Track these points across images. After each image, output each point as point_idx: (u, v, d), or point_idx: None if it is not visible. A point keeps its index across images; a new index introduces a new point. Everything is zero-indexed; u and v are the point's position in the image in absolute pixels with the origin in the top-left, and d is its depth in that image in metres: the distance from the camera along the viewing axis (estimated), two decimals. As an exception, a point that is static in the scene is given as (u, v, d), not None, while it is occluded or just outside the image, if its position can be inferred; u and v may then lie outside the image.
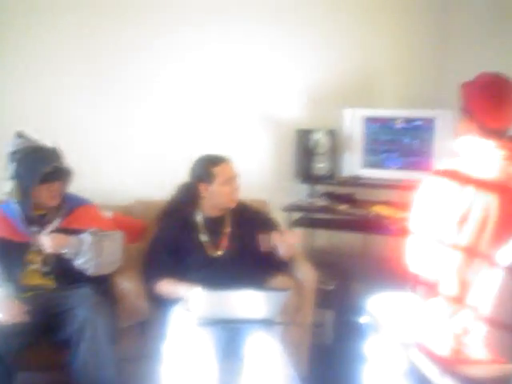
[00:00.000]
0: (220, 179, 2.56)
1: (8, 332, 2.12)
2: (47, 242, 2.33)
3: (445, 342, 1.74)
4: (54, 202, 2.44)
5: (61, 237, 2.36)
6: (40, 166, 2.32)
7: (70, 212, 2.50)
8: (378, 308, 2.12)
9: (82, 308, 2.20)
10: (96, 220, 2.57)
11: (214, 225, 2.63)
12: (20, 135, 2.41)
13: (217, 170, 2.57)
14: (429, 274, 1.82)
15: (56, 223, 2.45)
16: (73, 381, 2.18)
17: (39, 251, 2.38)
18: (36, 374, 2.35)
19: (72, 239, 2.37)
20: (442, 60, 3.65)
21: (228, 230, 2.64)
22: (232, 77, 3.50)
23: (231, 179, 2.57)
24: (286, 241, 2.48)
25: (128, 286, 2.54)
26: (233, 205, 2.62)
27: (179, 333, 2.21)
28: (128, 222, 3.02)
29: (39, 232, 2.39)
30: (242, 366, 2.17)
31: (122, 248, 2.56)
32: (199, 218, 2.64)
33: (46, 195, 2.40)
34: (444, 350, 1.74)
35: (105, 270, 2.47)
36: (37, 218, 2.42)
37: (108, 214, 2.90)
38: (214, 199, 2.60)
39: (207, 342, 2.16)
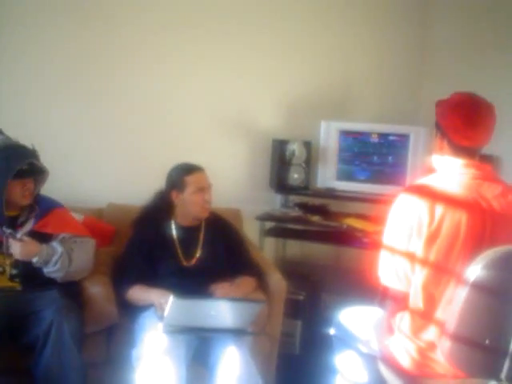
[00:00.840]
0: (191, 188, 2.55)
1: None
2: (18, 248, 2.28)
3: (410, 356, 1.76)
4: (25, 201, 2.39)
5: (32, 244, 2.31)
6: (14, 163, 2.28)
7: (43, 215, 2.45)
8: (347, 320, 2.13)
9: (49, 311, 2.17)
10: (69, 225, 2.53)
11: (188, 234, 2.62)
12: None
13: (189, 178, 2.56)
14: (400, 288, 1.82)
15: (29, 226, 2.41)
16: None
17: (8, 254, 2.33)
18: (0, 377, 2.29)
19: (43, 248, 2.32)
20: (419, 76, 3.71)
21: (201, 240, 2.63)
22: (210, 85, 3.49)
23: (203, 189, 2.56)
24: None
25: (97, 290, 2.51)
26: (204, 215, 2.61)
27: (149, 339, 2.18)
28: (99, 226, 3.00)
29: (11, 234, 2.34)
30: (211, 375, 2.17)
31: (92, 255, 2.53)
32: (173, 226, 2.63)
33: (19, 193, 2.35)
34: (409, 364, 1.75)
35: (74, 278, 2.44)
36: (9, 220, 2.37)
37: (79, 217, 2.88)
38: (186, 208, 2.60)
39: (177, 350, 2.15)
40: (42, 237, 2.39)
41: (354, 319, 2.12)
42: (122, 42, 3.36)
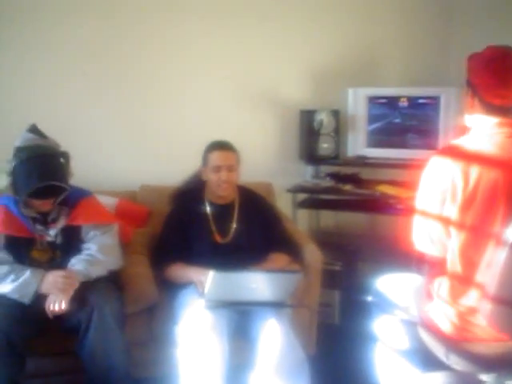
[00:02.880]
0: (210, 166, 2.56)
1: (19, 319, 2.14)
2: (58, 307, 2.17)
3: (450, 321, 1.74)
4: (45, 210, 2.37)
5: (71, 283, 2.21)
6: (34, 180, 2.18)
7: (73, 207, 2.42)
8: (385, 288, 2.12)
9: (91, 294, 2.21)
10: (97, 213, 2.51)
11: (221, 211, 2.63)
12: (32, 130, 2.34)
13: (210, 155, 2.57)
14: (435, 254, 1.80)
15: (61, 222, 2.40)
16: (83, 366, 2.21)
17: (45, 249, 2.35)
18: (46, 360, 2.37)
19: (80, 277, 2.27)
20: (445, 37, 3.62)
21: (235, 217, 2.63)
22: (234, 59, 3.47)
23: (219, 168, 2.53)
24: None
25: (135, 270, 2.56)
26: (223, 193, 2.59)
27: (191, 316, 2.22)
28: (133, 208, 3.04)
29: (44, 231, 2.36)
30: (253, 348, 2.20)
31: (117, 241, 2.50)
32: (206, 203, 2.64)
33: (37, 205, 2.33)
34: (450, 329, 1.74)
35: (114, 266, 2.44)
36: (40, 218, 2.37)
37: (113, 201, 2.91)
38: (209, 185, 2.61)
39: (218, 324, 2.18)
40: (74, 230, 2.41)
41: (391, 286, 2.11)
42: (151, 27, 3.33)
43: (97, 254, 2.36)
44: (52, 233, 2.37)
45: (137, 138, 3.44)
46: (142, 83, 3.40)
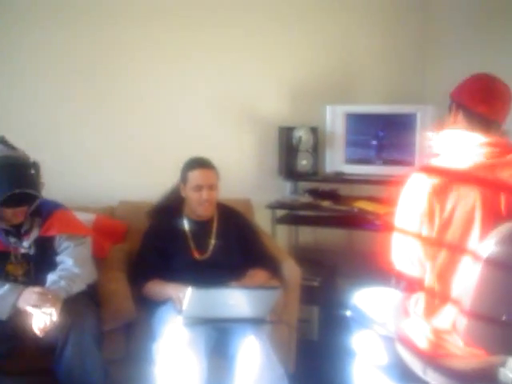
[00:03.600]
0: (190, 184, 2.56)
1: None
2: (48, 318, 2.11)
3: (426, 338, 1.75)
4: (18, 221, 2.34)
5: (54, 302, 2.15)
6: (5, 189, 2.15)
7: (47, 218, 2.40)
8: (362, 302, 2.13)
9: (67, 311, 2.16)
10: (71, 225, 2.48)
11: (200, 228, 2.62)
12: (0, 141, 2.32)
13: (190, 174, 2.57)
14: (414, 274, 1.81)
15: (35, 234, 2.37)
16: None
17: (20, 262, 2.33)
18: (22, 379, 2.32)
19: (61, 295, 2.22)
20: (422, 55, 3.67)
21: (213, 233, 2.63)
22: (213, 76, 3.48)
23: (200, 187, 2.53)
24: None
25: (113, 287, 2.53)
26: (203, 213, 2.60)
27: (169, 333, 2.20)
28: (111, 224, 3.01)
29: (18, 243, 2.33)
30: (232, 365, 2.19)
31: (88, 255, 2.47)
32: (185, 220, 2.64)
33: (9, 215, 2.30)
34: (425, 345, 1.75)
35: (90, 280, 2.42)
36: (13, 230, 2.34)
37: (90, 217, 2.89)
38: (189, 203, 2.61)
39: (197, 342, 2.16)
40: (48, 241, 2.38)
41: (368, 301, 2.12)
42: (127, 38, 3.34)
43: (73, 268, 2.33)
44: (26, 244, 2.35)
45: (115, 153, 3.43)
46: (121, 98, 3.40)
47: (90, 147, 3.39)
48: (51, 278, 2.29)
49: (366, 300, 2.14)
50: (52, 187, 2.42)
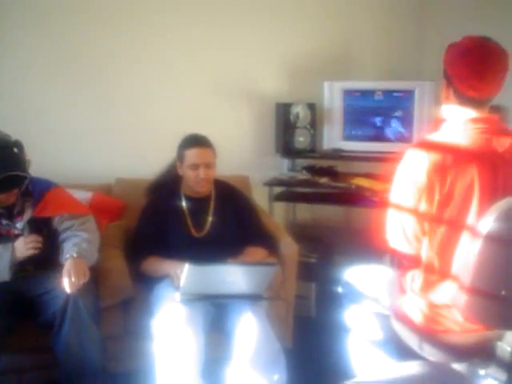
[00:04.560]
0: (187, 162, 2.53)
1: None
2: (76, 277, 2.13)
3: (423, 314, 1.76)
4: (9, 202, 2.30)
5: (81, 266, 2.19)
6: None
7: (40, 199, 2.37)
8: (354, 279, 2.13)
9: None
10: (67, 203, 2.48)
11: (197, 205, 2.61)
12: None
13: (187, 152, 2.53)
14: (409, 252, 1.80)
15: (28, 215, 2.35)
16: (58, 362, 2.19)
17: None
18: (21, 356, 2.33)
19: (88, 259, 2.26)
20: (420, 31, 3.65)
21: (211, 210, 2.62)
22: (210, 53, 3.45)
23: (197, 166, 2.51)
24: None
25: (110, 264, 2.53)
26: (200, 190, 2.58)
27: (167, 310, 2.21)
28: (107, 201, 3.01)
29: (10, 225, 2.31)
30: (229, 341, 2.20)
31: (97, 231, 2.49)
32: (182, 197, 2.63)
33: (0, 199, 2.25)
34: (422, 321, 1.76)
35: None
36: (5, 212, 2.31)
37: (87, 195, 2.88)
38: (186, 181, 2.59)
39: (194, 318, 2.17)
40: (42, 222, 2.37)
41: (360, 277, 2.12)
42: (120, 16, 3.29)
43: (89, 240, 2.33)
44: (19, 226, 2.33)
45: (112, 130, 3.40)
46: (117, 76, 3.36)
47: (88, 125, 3.36)
48: (71, 241, 2.29)
49: (357, 276, 2.14)
50: (49, 165, 2.42)
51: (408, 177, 1.75)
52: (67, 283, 2.10)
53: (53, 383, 2.26)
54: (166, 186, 2.68)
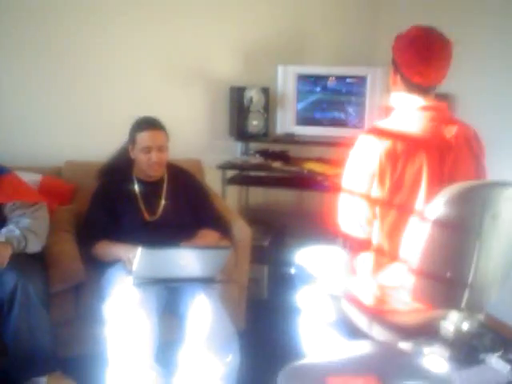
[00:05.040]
0: (139, 146, 2.50)
1: None
2: None
3: (373, 295, 1.81)
4: None
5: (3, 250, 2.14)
6: None
7: None
8: (307, 260, 2.17)
9: (12, 274, 2.12)
10: (19, 191, 2.42)
11: (150, 189, 2.59)
12: None
13: (139, 135, 2.50)
14: (361, 236, 1.85)
15: None
16: (7, 349, 2.14)
17: None
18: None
19: (12, 245, 2.18)
20: (373, 18, 3.70)
21: (163, 194, 2.61)
22: (163, 34, 3.39)
23: (148, 149, 2.48)
24: None
25: (61, 248, 2.49)
26: (153, 173, 2.57)
27: (119, 294, 2.19)
28: (57, 184, 2.95)
29: None
30: (183, 324, 2.20)
31: (48, 220, 2.44)
32: (135, 181, 2.60)
33: None
34: (371, 301, 1.81)
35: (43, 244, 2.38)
36: None
37: (37, 177, 2.81)
38: (138, 164, 2.57)
39: (147, 302, 2.17)
40: None
41: (312, 258, 2.16)
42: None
43: (31, 226, 2.28)
44: None
45: (62, 111, 3.31)
46: (68, 57, 3.25)
47: (36, 106, 3.25)
48: (7, 227, 2.24)
49: (309, 258, 2.17)
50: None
51: (360, 163, 1.79)
52: None
53: (2, 372, 2.20)
54: (118, 170, 2.64)
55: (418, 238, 1.59)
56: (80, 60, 3.28)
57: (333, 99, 3.44)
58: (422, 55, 1.75)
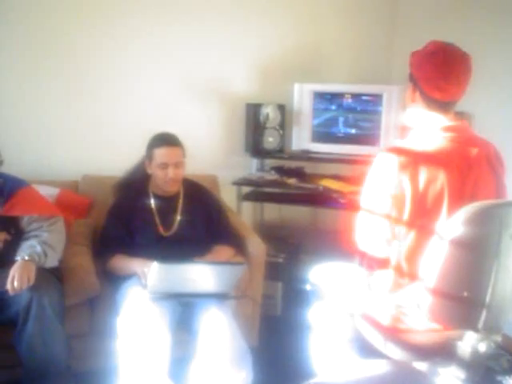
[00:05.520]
0: (156, 161, 2.51)
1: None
2: (19, 281, 2.08)
3: (388, 313, 1.79)
4: None
5: (27, 269, 2.13)
6: None
7: (9, 197, 2.33)
8: (322, 277, 2.15)
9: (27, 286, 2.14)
10: (37, 204, 2.44)
11: (166, 204, 2.60)
12: None
13: (156, 151, 2.51)
14: (378, 255, 1.82)
15: None
16: (21, 361, 2.15)
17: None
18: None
19: (34, 262, 2.19)
20: (391, 35, 3.72)
21: (179, 209, 2.61)
22: (181, 53, 3.44)
23: (165, 165, 2.49)
24: None
25: (77, 261, 2.51)
26: (169, 189, 2.57)
27: (133, 308, 2.20)
28: (74, 198, 2.97)
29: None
30: (196, 340, 2.20)
31: (64, 234, 2.45)
32: (151, 195, 2.61)
33: None
34: (387, 320, 1.79)
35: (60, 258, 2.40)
36: None
37: (54, 191, 2.84)
38: (154, 180, 2.59)
39: (161, 316, 2.17)
40: (10, 220, 2.32)
41: (327, 275, 2.14)
42: (95, 13, 3.24)
43: (49, 241, 2.29)
44: None
45: (80, 126, 3.35)
46: (86, 72, 3.30)
47: (55, 121, 3.30)
48: (28, 242, 2.25)
49: (323, 275, 2.16)
50: (16, 161, 2.37)
51: (380, 182, 1.76)
52: (10, 285, 2.07)
53: (15, 383, 2.21)
54: (134, 185, 2.66)
55: (435, 257, 1.57)
56: (101, 76, 3.33)
57: (348, 117, 3.45)
58: (441, 69, 1.72)
